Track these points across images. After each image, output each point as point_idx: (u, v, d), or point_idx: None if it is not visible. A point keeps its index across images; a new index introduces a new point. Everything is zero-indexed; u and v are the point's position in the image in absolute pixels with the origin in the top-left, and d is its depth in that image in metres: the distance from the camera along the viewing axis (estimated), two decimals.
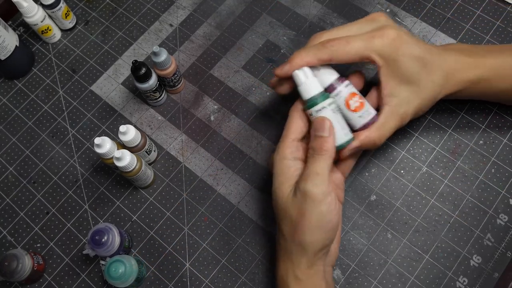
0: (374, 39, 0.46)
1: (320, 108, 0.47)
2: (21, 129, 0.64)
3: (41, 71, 0.67)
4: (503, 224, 0.54)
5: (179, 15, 0.69)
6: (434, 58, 0.48)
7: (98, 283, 0.56)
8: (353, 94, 0.48)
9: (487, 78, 0.50)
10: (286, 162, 0.47)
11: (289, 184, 0.47)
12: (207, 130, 0.62)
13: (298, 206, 0.45)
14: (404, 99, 0.48)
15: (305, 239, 0.44)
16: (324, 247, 0.45)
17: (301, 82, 0.47)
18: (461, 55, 0.50)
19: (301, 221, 0.44)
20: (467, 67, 0.50)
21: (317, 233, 0.44)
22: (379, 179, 0.57)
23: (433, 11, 0.65)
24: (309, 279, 0.45)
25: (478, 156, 0.57)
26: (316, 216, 0.44)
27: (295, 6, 0.68)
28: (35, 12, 0.63)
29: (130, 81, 0.66)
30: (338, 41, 0.47)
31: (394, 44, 0.46)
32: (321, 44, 0.47)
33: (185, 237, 0.57)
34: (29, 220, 0.59)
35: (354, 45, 0.46)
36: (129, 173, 0.53)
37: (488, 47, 0.53)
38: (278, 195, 0.47)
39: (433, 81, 0.48)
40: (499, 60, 0.50)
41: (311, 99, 0.47)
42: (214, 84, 0.64)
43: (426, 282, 0.52)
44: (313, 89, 0.47)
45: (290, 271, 0.46)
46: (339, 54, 0.46)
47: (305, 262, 0.45)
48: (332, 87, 0.48)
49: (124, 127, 0.53)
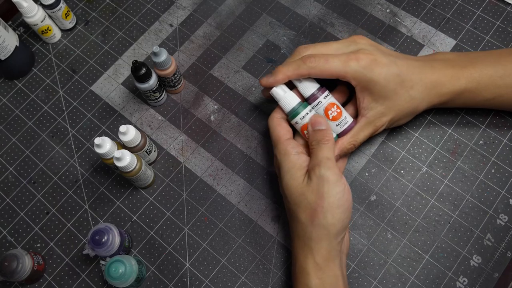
0: (350, 62, 0.50)
1: (304, 115, 0.52)
2: (21, 129, 0.64)
3: (41, 71, 0.67)
4: (503, 224, 0.54)
5: (179, 15, 0.69)
6: (414, 73, 0.51)
7: (98, 283, 0.56)
8: (332, 104, 0.52)
9: (469, 89, 0.52)
10: (292, 156, 0.50)
11: (301, 173, 0.49)
12: (207, 130, 0.62)
13: (316, 190, 0.47)
14: (379, 112, 0.52)
15: (327, 220, 0.46)
16: (344, 227, 0.47)
17: (280, 97, 0.53)
18: (443, 67, 0.52)
19: (321, 203, 0.46)
20: (449, 79, 0.51)
21: (338, 212, 0.46)
22: (379, 179, 0.57)
23: (433, 11, 0.65)
24: (327, 266, 0.47)
25: (478, 156, 0.57)
26: (335, 196, 0.46)
27: (295, 6, 0.68)
28: (35, 12, 0.63)
29: (130, 81, 0.66)
30: (318, 58, 0.50)
31: (368, 67, 0.49)
32: (302, 59, 0.51)
33: (185, 237, 0.57)
34: (29, 220, 0.59)
35: (332, 65, 0.50)
36: (129, 173, 0.53)
37: (474, 55, 0.54)
38: (293, 185, 0.49)
39: (411, 95, 0.51)
40: (478, 71, 0.52)
41: (293, 110, 0.52)
42: (214, 84, 0.64)
43: (426, 282, 0.52)
44: (292, 101, 0.52)
45: (310, 259, 0.47)
46: (316, 71, 0.50)
47: (325, 246, 0.46)
48: (314, 97, 0.52)
49: (124, 127, 0.53)
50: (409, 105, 0.52)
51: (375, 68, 0.49)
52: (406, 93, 0.51)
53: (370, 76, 0.49)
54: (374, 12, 0.66)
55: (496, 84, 0.52)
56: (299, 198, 0.48)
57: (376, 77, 0.49)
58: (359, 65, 0.49)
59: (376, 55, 0.50)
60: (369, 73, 0.49)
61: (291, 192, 0.49)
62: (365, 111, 0.52)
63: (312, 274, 0.46)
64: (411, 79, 0.50)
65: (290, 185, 0.49)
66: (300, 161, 0.50)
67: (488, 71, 0.51)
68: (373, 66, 0.49)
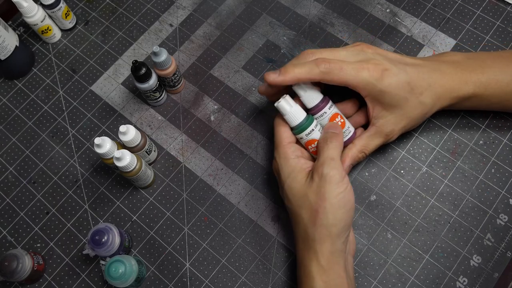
0: (362, 71, 0.49)
1: (310, 131, 0.51)
2: (21, 129, 0.64)
3: (41, 71, 0.67)
4: (503, 224, 0.54)
5: (179, 15, 0.69)
6: (424, 79, 0.50)
7: (98, 283, 0.56)
8: (336, 114, 0.52)
9: (477, 94, 0.52)
10: (291, 160, 0.50)
11: (302, 175, 0.49)
12: (207, 130, 0.62)
13: (317, 191, 0.47)
14: (390, 120, 0.51)
15: (328, 220, 0.46)
16: (346, 227, 0.47)
17: (286, 111, 0.50)
18: (452, 70, 0.52)
19: (322, 204, 0.46)
20: (458, 84, 0.51)
21: (339, 212, 0.46)
22: (379, 179, 0.57)
23: (433, 11, 0.65)
24: (331, 268, 0.46)
25: (478, 156, 0.57)
26: (337, 196, 0.46)
27: (295, 6, 0.68)
28: (35, 12, 0.63)
29: (130, 81, 0.66)
30: (333, 64, 0.49)
31: (379, 78, 0.49)
32: (315, 62, 0.49)
33: (185, 237, 0.57)
34: (29, 220, 0.59)
35: (346, 73, 0.49)
36: (129, 173, 0.53)
37: (482, 58, 0.53)
38: (295, 187, 0.49)
39: (422, 101, 0.51)
40: (486, 76, 0.51)
41: (300, 124, 0.51)
42: (214, 84, 0.64)
43: (426, 282, 0.52)
44: (299, 116, 0.51)
45: (313, 260, 0.47)
46: (329, 77, 0.49)
47: (329, 247, 0.46)
48: (318, 108, 0.52)
49: (124, 127, 0.53)
50: (419, 112, 0.51)
51: (385, 79, 0.49)
52: (416, 100, 0.50)
53: (380, 87, 0.49)
54: (374, 12, 0.66)
55: (503, 90, 0.52)
56: (302, 199, 0.48)
57: (386, 88, 0.49)
58: (370, 76, 0.49)
59: (386, 65, 0.49)
60: (380, 84, 0.49)
61: (293, 194, 0.49)
62: (375, 120, 0.51)
63: (317, 277, 0.46)
64: (421, 86, 0.50)
65: (293, 187, 0.49)
66: (299, 164, 0.50)
67: (495, 76, 0.51)
68: (384, 76, 0.49)
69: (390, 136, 0.52)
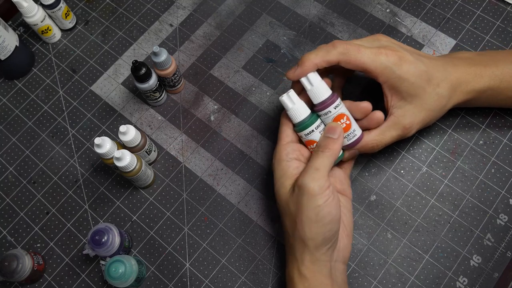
0: (380, 55, 0.47)
1: (309, 132, 0.49)
2: (21, 129, 0.64)
3: (41, 71, 0.67)
4: (503, 224, 0.54)
5: (179, 15, 0.69)
6: (439, 70, 0.49)
7: (98, 283, 0.56)
8: (341, 115, 0.49)
9: (493, 87, 0.51)
10: (284, 163, 0.49)
11: (289, 182, 0.48)
12: (207, 130, 0.62)
13: (296, 201, 0.46)
14: (408, 111, 0.49)
15: (305, 233, 0.45)
16: (326, 240, 0.45)
17: (288, 108, 0.49)
18: (466, 65, 0.51)
19: (299, 216, 0.45)
20: (473, 77, 0.51)
21: (315, 226, 0.44)
22: (379, 179, 0.57)
23: (433, 11, 0.65)
24: (313, 276, 0.45)
25: (478, 156, 0.57)
26: (313, 210, 0.44)
27: (295, 6, 0.68)
28: (35, 12, 0.63)
29: (130, 81, 0.66)
30: (351, 46, 0.47)
31: (397, 63, 0.47)
32: (332, 45, 0.48)
33: (185, 237, 0.57)
34: (29, 220, 0.59)
35: (364, 55, 0.47)
36: (129, 173, 0.53)
37: (494, 54, 0.54)
38: (281, 194, 0.48)
39: (439, 93, 0.49)
40: (500, 69, 0.51)
41: (300, 123, 0.49)
42: (214, 84, 0.64)
43: (426, 282, 0.52)
44: (301, 113, 0.49)
45: (295, 268, 0.46)
46: (347, 58, 0.47)
47: (309, 258, 0.45)
48: (324, 105, 0.49)
49: (124, 127, 0.53)
50: (437, 104, 0.50)
51: (403, 65, 0.47)
52: (433, 91, 0.49)
53: (399, 73, 0.47)
54: (374, 12, 0.66)
55: None
56: (285, 207, 0.48)
57: (404, 74, 0.47)
58: (388, 60, 0.47)
59: (402, 53, 0.48)
60: (398, 70, 0.47)
61: (280, 200, 0.49)
62: (393, 109, 0.49)
63: (298, 283, 0.46)
64: (437, 77, 0.49)
65: (280, 193, 0.48)
66: (290, 169, 0.48)
67: (510, 69, 0.51)
68: (401, 62, 0.47)
69: (408, 129, 0.50)
